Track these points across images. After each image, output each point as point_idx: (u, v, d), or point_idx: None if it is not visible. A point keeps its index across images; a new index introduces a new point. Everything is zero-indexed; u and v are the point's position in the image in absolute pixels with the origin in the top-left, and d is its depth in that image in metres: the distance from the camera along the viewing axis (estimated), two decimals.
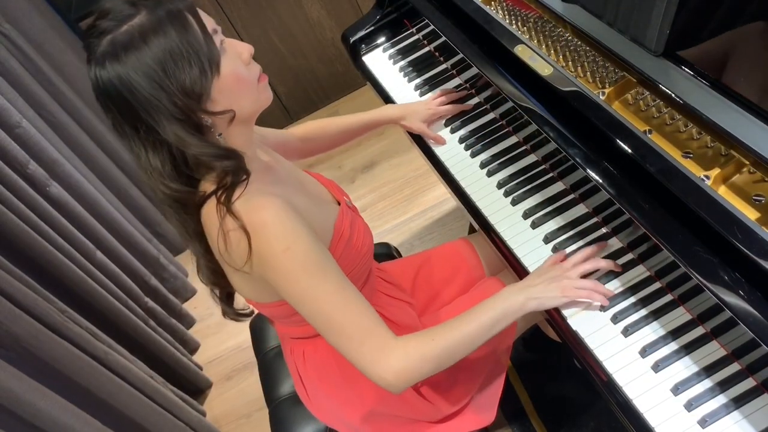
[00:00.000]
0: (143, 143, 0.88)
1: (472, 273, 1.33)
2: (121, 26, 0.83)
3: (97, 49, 0.84)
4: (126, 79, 0.83)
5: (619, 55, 1.02)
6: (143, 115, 0.85)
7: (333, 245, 1.00)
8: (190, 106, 0.85)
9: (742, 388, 0.86)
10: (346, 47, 1.66)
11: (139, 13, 0.84)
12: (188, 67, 0.83)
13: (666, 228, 0.88)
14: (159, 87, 0.83)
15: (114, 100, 0.85)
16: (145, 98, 0.83)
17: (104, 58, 0.83)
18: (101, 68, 0.84)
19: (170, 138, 0.85)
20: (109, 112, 0.88)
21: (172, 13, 0.83)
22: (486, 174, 1.26)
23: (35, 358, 1.37)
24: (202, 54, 0.84)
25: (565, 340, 1.01)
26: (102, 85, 0.85)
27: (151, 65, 0.82)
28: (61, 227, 1.76)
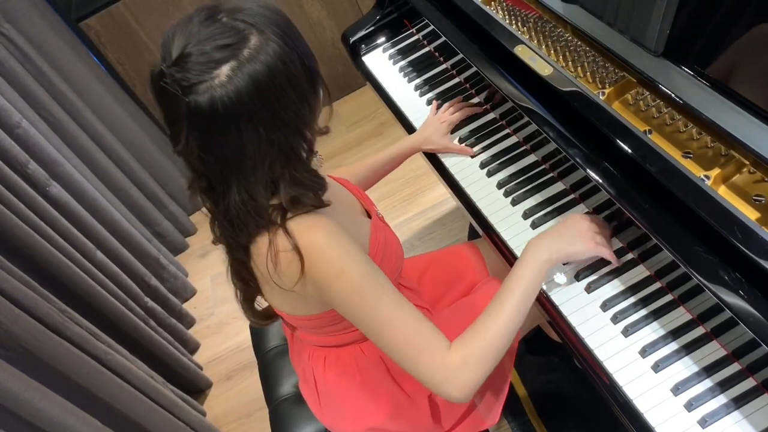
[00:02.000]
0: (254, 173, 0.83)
1: (476, 277, 1.33)
2: (241, 49, 0.77)
3: (213, 76, 0.76)
4: (260, 103, 0.78)
5: (619, 55, 1.02)
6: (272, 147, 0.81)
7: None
8: (312, 129, 0.85)
9: (742, 388, 0.86)
10: (346, 47, 1.66)
11: (252, 32, 0.78)
12: (313, 87, 0.83)
13: (666, 228, 0.88)
14: (290, 108, 0.80)
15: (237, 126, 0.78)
16: (281, 125, 0.80)
17: (230, 81, 0.76)
18: (226, 91, 0.76)
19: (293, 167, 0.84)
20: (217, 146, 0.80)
21: (283, 28, 0.81)
22: (486, 174, 1.26)
23: (35, 358, 1.37)
24: (317, 68, 0.83)
25: (565, 340, 1.01)
26: (224, 109, 0.77)
27: (280, 86, 0.78)
28: (61, 227, 1.76)
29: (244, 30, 0.78)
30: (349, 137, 2.73)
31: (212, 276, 2.47)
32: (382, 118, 2.71)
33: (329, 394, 1.15)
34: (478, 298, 1.24)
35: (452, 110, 1.36)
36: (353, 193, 1.13)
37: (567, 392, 1.63)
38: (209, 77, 0.76)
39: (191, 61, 0.76)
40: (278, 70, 0.78)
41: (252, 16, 0.80)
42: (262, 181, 0.84)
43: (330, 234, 0.87)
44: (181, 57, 0.77)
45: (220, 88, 0.76)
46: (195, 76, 0.76)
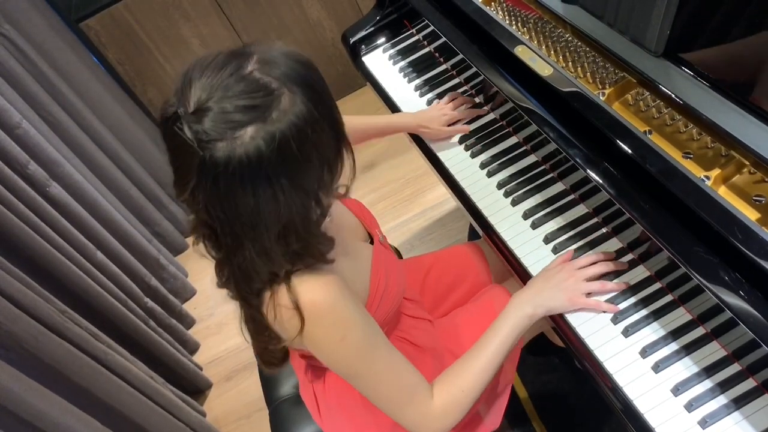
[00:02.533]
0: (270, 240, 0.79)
1: (479, 278, 1.33)
2: (270, 110, 0.72)
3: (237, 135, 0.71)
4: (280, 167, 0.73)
5: (619, 56, 1.02)
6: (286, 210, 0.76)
7: (369, 302, 0.98)
8: (329, 192, 0.82)
9: (742, 388, 0.86)
10: (346, 48, 1.66)
11: (283, 92, 0.73)
12: (337, 150, 0.80)
13: (666, 228, 0.88)
14: (314, 177, 0.77)
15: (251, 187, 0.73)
16: (299, 190, 0.76)
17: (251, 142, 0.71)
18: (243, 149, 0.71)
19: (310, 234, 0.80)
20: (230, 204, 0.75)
21: (316, 88, 0.76)
22: (486, 174, 1.26)
23: (35, 359, 1.37)
24: (342, 127, 0.80)
25: (565, 341, 1.01)
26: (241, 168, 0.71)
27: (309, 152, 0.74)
28: (61, 227, 1.76)
29: (275, 90, 0.73)
30: None
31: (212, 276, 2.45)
32: None
33: (330, 410, 1.15)
34: (480, 306, 1.24)
35: (455, 105, 1.36)
36: (357, 216, 1.12)
37: (567, 393, 1.63)
38: (231, 135, 0.70)
39: (214, 115, 0.71)
40: (305, 136, 0.73)
41: (284, 72, 0.74)
42: (274, 240, 0.79)
43: (334, 297, 0.84)
44: (202, 109, 0.72)
45: (241, 148, 0.70)
46: (216, 133, 0.70)
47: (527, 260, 1.10)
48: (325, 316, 0.84)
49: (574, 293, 1.00)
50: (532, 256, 1.11)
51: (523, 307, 1.00)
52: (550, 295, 1.00)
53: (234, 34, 2.54)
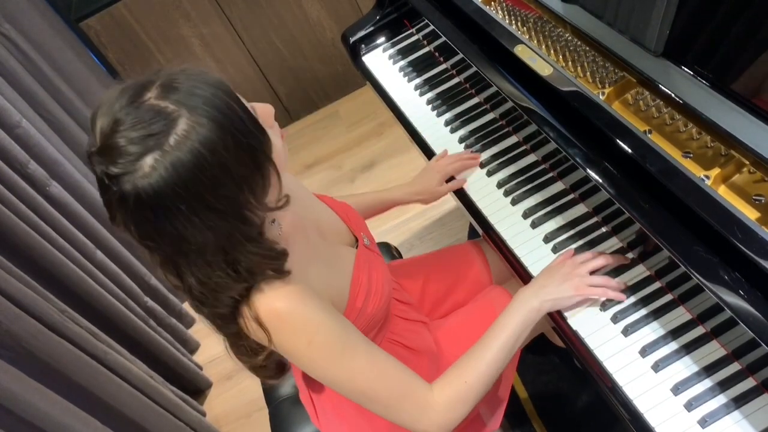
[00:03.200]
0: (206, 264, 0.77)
1: (479, 277, 1.33)
2: (167, 137, 0.69)
3: (137, 168, 0.69)
4: (188, 194, 0.70)
5: (619, 55, 1.02)
6: (209, 234, 0.73)
7: (349, 307, 0.96)
8: (258, 210, 0.77)
9: (742, 388, 0.86)
10: (346, 47, 1.66)
11: (179, 117, 0.70)
12: (256, 169, 0.75)
13: (666, 228, 0.88)
14: (230, 198, 0.73)
15: (167, 218, 0.71)
16: (214, 213, 0.72)
17: (152, 173, 0.69)
18: (146, 180, 0.69)
19: (241, 253, 0.77)
20: (155, 235, 0.74)
21: (219, 106, 0.72)
22: (486, 174, 1.26)
23: (35, 358, 1.37)
24: (264, 147, 0.76)
25: (565, 340, 1.01)
26: (150, 201, 0.70)
27: (217, 175, 0.71)
28: (61, 227, 1.76)
29: (172, 113, 0.70)
30: (349, 137, 2.73)
31: None
32: (382, 118, 2.71)
33: (326, 414, 1.15)
34: (480, 308, 1.24)
35: (450, 161, 1.30)
36: (343, 219, 1.10)
37: (567, 393, 1.63)
38: (132, 169, 0.69)
39: (114, 150, 0.69)
40: (206, 159, 0.69)
41: (184, 94, 0.71)
42: (213, 264, 0.77)
43: (294, 303, 0.83)
44: (104, 146, 0.70)
45: (142, 180, 0.69)
46: (119, 168, 0.69)
47: (527, 260, 1.11)
48: (286, 322, 0.82)
49: (580, 284, 0.99)
50: (532, 256, 1.11)
51: (530, 301, 0.99)
52: (555, 288, 0.99)
53: (234, 34, 2.54)
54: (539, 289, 1.00)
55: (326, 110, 2.90)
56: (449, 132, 1.38)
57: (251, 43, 2.60)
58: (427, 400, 0.89)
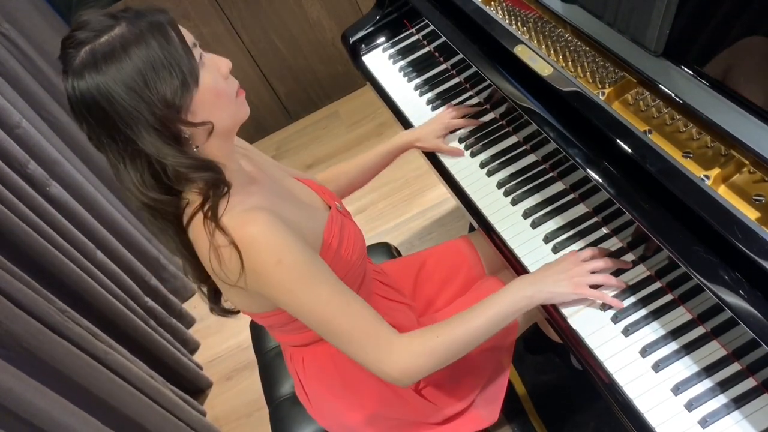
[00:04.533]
0: (121, 154, 0.87)
1: (472, 272, 1.33)
2: (100, 37, 0.83)
3: (74, 59, 0.84)
4: (105, 89, 0.82)
5: (619, 56, 1.02)
6: (122, 126, 0.84)
7: (323, 252, 1.00)
8: (169, 117, 0.85)
9: (742, 388, 0.86)
10: (346, 47, 1.66)
11: (118, 24, 0.84)
12: (169, 79, 0.83)
13: (666, 228, 0.88)
14: (139, 98, 0.83)
15: (92, 110, 0.84)
16: (124, 109, 0.83)
17: (83, 68, 0.83)
18: (79, 79, 0.83)
19: (148, 148, 0.85)
20: (86, 123, 0.87)
21: (153, 25, 0.84)
22: (486, 174, 1.26)
23: (35, 358, 1.37)
24: (183, 66, 0.84)
25: (565, 339, 1.01)
26: (80, 95, 0.84)
27: (131, 76, 0.82)
28: (61, 227, 1.76)
29: (115, 21, 0.84)
30: (349, 137, 2.73)
31: None
32: (382, 118, 2.71)
33: (316, 395, 1.16)
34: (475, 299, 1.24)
35: (455, 115, 1.35)
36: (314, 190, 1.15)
37: (567, 392, 1.63)
38: (70, 59, 0.84)
39: (67, 43, 0.86)
40: (121, 57, 0.82)
41: (135, 11, 0.86)
42: (129, 162, 0.88)
43: (266, 226, 0.88)
44: (66, 37, 0.87)
45: (74, 72, 0.83)
46: (64, 58, 0.86)
47: (527, 260, 1.10)
48: (258, 243, 0.87)
49: (579, 282, 0.99)
50: (532, 256, 1.11)
51: (525, 288, 1.00)
52: (553, 281, 1.00)
53: (234, 34, 2.55)
54: (538, 279, 1.01)
55: (326, 110, 2.90)
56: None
57: (251, 43, 2.60)
58: (391, 342, 0.92)
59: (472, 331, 0.96)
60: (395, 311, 1.17)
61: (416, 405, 1.12)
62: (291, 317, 1.00)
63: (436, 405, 1.13)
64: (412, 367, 0.93)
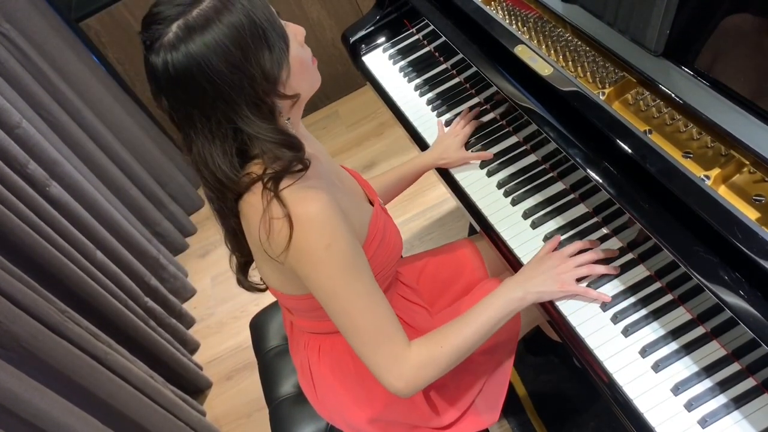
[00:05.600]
0: (211, 131, 0.85)
1: (475, 274, 1.33)
2: (191, 10, 0.81)
3: (165, 35, 0.80)
4: (205, 64, 0.80)
5: (619, 55, 1.02)
6: (219, 103, 0.83)
7: (366, 245, 1.00)
8: (267, 90, 0.84)
9: (742, 388, 0.86)
10: (346, 47, 1.66)
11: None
12: (266, 50, 0.82)
13: (666, 228, 0.88)
14: (240, 72, 0.81)
15: (188, 87, 0.82)
16: (225, 83, 0.81)
17: (178, 42, 0.80)
18: (174, 52, 0.80)
19: (246, 124, 0.84)
20: (174, 99, 0.84)
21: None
22: (486, 174, 1.26)
23: (35, 358, 1.37)
24: (278, 36, 0.84)
25: (565, 339, 1.01)
26: (173, 71, 0.81)
27: (230, 49, 0.80)
28: (61, 227, 1.76)
29: None
30: (349, 137, 2.73)
31: (212, 276, 2.47)
32: (382, 118, 2.71)
33: (325, 384, 1.16)
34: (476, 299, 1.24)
35: (463, 123, 1.33)
36: (359, 182, 1.15)
37: (567, 392, 1.63)
38: (160, 35, 0.80)
39: (151, 18, 0.82)
40: (224, 32, 0.80)
41: None
42: (217, 139, 0.86)
43: (324, 208, 0.87)
44: (146, 17, 0.83)
45: (168, 47, 0.80)
46: (152, 34, 0.81)
47: (527, 260, 1.10)
48: (313, 221, 0.87)
49: (565, 280, 1.00)
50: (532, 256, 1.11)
51: (515, 291, 1.01)
52: (541, 281, 1.01)
53: None
54: (525, 280, 1.02)
55: (326, 110, 2.90)
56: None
57: None
58: (403, 352, 0.93)
59: (470, 337, 0.97)
60: (414, 312, 1.18)
61: (422, 409, 1.12)
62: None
63: (439, 408, 1.13)
64: (416, 379, 0.93)
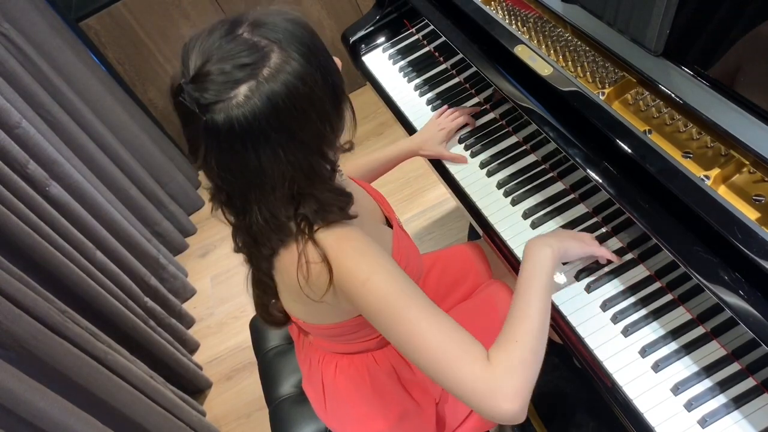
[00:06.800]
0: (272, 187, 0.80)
1: (479, 278, 1.33)
2: (261, 68, 0.74)
3: (232, 98, 0.74)
4: (279, 124, 0.75)
5: (619, 55, 1.02)
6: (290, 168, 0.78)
7: None
8: (331, 144, 0.82)
9: (742, 387, 0.86)
10: (346, 47, 1.66)
11: (273, 50, 0.75)
12: (334, 101, 0.80)
13: (666, 228, 0.88)
14: (311, 127, 0.78)
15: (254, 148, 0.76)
16: (299, 146, 0.77)
17: (246, 102, 0.74)
18: (244, 108, 0.74)
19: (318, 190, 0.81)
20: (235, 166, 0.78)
21: (308, 44, 0.77)
22: (486, 174, 1.26)
23: (35, 358, 1.37)
24: (339, 81, 0.81)
25: (565, 340, 1.01)
26: (241, 125, 0.74)
27: (304, 105, 0.76)
28: (61, 227, 1.76)
29: (265, 47, 0.75)
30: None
31: (212, 276, 2.47)
32: (382, 118, 2.71)
33: (337, 399, 1.15)
34: (481, 301, 1.24)
35: (453, 116, 1.33)
36: (375, 200, 1.12)
37: (567, 392, 1.63)
38: (227, 97, 0.74)
39: (210, 79, 0.74)
40: (298, 91, 0.75)
41: (275, 31, 0.76)
42: (283, 200, 0.82)
43: (358, 243, 0.85)
44: (199, 74, 0.75)
45: (237, 108, 0.73)
46: (212, 96, 0.74)
47: None
48: (349, 260, 0.84)
49: (584, 239, 1.02)
50: None
51: (543, 248, 0.95)
52: (562, 238, 0.99)
53: None
54: (547, 238, 0.98)
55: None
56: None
57: None
58: (484, 366, 0.79)
59: (538, 313, 0.87)
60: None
61: (431, 419, 1.12)
62: (356, 328, 0.99)
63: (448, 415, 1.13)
64: (519, 389, 0.78)
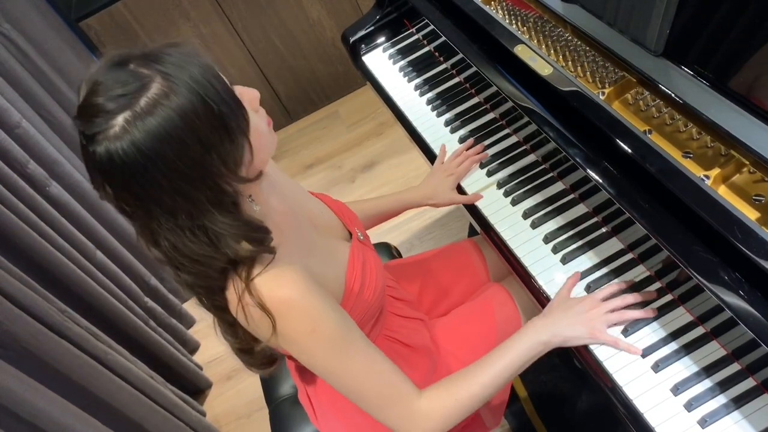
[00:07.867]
0: (176, 224, 0.77)
1: (477, 275, 1.33)
2: (138, 99, 0.71)
3: (109, 128, 0.71)
4: (158, 156, 0.71)
5: (619, 55, 1.02)
6: (177, 198, 0.74)
7: (345, 297, 0.96)
8: (229, 179, 0.77)
9: (742, 388, 0.86)
10: (346, 47, 1.66)
11: (154, 80, 0.72)
12: (227, 135, 0.75)
13: (666, 228, 0.88)
14: (196, 164, 0.73)
15: (141, 179, 0.72)
16: (182, 177, 0.73)
17: (124, 133, 0.70)
18: (121, 142, 0.70)
19: (210, 221, 0.77)
20: (128, 192, 0.75)
21: (192, 77, 0.73)
22: (486, 174, 1.26)
23: (35, 358, 1.37)
24: (236, 113, 0.76)
25: None
26: (121, 163, 0.71)
27: (186, 140, 0.71)
28: (61, 227, 1.76)
29: (147, 77, 0.72)
30: (349, 137, 2.73)
31: None
32: (382, 118, 2.71)
33: (324, 412, 1.15)
34: (478, 305, 1.24)
35: (459, 161, 1.29)
36: (338, 215, 1.10)
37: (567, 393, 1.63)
38: (105, 127, 0.71)
39: (91, 111, 0.72)
40: (176, 122, 0.71)
41: (162, 63, 0.73)
42: (185, 228, 0.77)
43: (299, 290, 0.83)
44: (82, 105, 0.73)
45: (115, 140, 0.70)
46: (95, 127, 0.71)
47: (527, 260, 1.10)
48: (292, 308, 0.83)
49: (596, 326, 0.96)
50: (532, 256, 1.11)
51: (539, 334, 0.97)
52: (568, 324, 0.96)
53: (234, 34, 2.54)
54: (552, 323, 0.97)
55: (326, 110, 2.90)
56: (449, 132, 1.38)
57: (251, 43, 2.59)
58: (412, 407, 0.90)
59: (488, 384, 0.94)
60: (410, 330, 1.14)
61: None
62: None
63: None
64: (430, 429, 0.91)
